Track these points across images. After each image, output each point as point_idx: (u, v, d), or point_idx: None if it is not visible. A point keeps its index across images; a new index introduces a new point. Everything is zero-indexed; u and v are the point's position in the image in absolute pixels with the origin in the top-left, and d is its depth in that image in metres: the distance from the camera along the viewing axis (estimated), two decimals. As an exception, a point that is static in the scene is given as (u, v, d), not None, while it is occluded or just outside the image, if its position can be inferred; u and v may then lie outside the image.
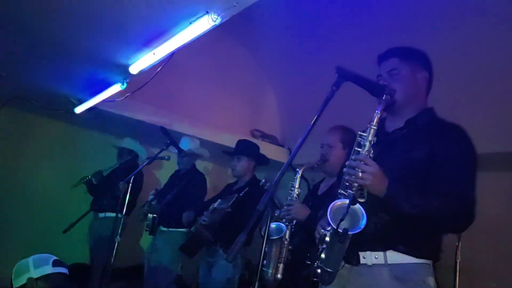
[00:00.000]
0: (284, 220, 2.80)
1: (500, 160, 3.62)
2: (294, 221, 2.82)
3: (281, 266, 2.67)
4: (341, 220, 1.60)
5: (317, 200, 2.95)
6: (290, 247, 2.74)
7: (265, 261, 2.66)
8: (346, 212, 1.61)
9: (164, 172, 4.75)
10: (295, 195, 2.88)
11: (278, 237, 2.71)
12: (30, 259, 2.28)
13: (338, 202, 1.72)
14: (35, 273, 2.19)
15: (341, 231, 1.60)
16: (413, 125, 1.94)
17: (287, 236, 2.75)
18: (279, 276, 2.65)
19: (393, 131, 1.99)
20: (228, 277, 3.53)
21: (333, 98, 1.76)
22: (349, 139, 2.96)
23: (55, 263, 2.28)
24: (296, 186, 2.90)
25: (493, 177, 3.46)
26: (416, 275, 1.78)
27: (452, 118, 1.96)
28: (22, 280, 2.19)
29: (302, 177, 2.96)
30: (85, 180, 4.82)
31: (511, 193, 3.59)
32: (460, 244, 3.07)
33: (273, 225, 2.74)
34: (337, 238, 1.63)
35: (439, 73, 2.06)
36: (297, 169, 2.93)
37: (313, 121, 1.71)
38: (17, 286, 2.20)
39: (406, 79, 1.96)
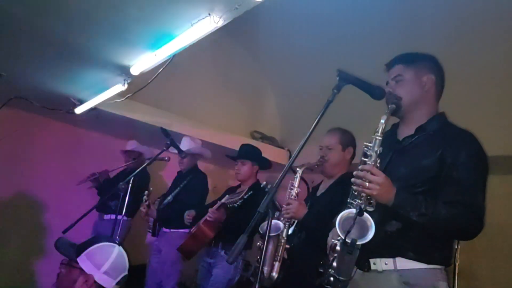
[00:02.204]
0: (282, 218, 2.80)
1: (500, 163, 3.63)
2: (293, 220, 2.83)
3: (277, 264, 2.66)
4: (348, 232, 1.62)
5: (315, 201, 2.97)
6: (287, 246, 2.74)
7: (260, 259, 2.65)
8: (353, 224, 1.63)
9: (171, 174, 4.75)
10: (294, 194, 2.88)
11: (275, 234, 2.71)
12: (111, 258, 2.00)
13: (346, 212, 1.74)
14: (99, 277, 1.94)
15: (349, 241, 1.62)
16: (423, 132, 1.95)
17: (284, 235, 2.75)
18: (274, 274, 2.64)
19: (403, 139, 2.00)
20: (229, 278, 3.54)
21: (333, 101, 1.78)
22: (348, 140, 2.99)
23: (120, 281, 2.03)
24: (296, 185, 2.91)
25: (493, 180, 3.46)
26: (425, 280, 1.79)
27: (457, 121, 1.98)
28: (88, 269, 1.95)
29: (301, 177, 2.97)
30: (93, 178, 4.83)
31: (511, 196, 3.60)
32: (459, 247, 3.08)
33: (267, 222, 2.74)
34: (346, 249, 1.65)
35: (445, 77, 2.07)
36: (298, 168, 2.93)
37: (314, 124, 1.73)
38: (81, 264, 1.95)
39: (411, 84, 1.97)
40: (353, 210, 1.72)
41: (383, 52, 2.13)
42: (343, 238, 1.64)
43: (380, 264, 1.83)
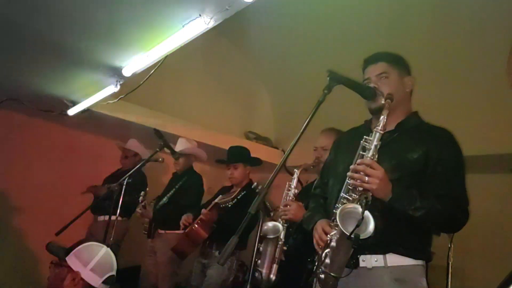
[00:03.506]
0: (280, 220, 2.79)
1: (492, 162, 3.65)
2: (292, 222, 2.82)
3: (275, 266, 2.66)
4: (357, 225, 1.60)
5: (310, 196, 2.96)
6: (284, 248, 2.73)
7: (259, 261, 2.65)
8: (362, 219, 1.61)
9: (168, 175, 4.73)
10: (292, 195, 2.88)
11: (274, 236, 2.71)
12: (98, 256, 2.08)
13: (347, 208, 1.72)
14: (85, 274, 2.02)
15: (353, 237, 1.60)
16: (403, 128, 1.98)
17: (281, 236, 2.74)
18: (272, 276, 2.63)
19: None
20: (223, 278, 3.53)
21: (326, 101, 1.78)
22: None
23: (106, 280, 2.09)
24: (294, 186, 2.91)
25: (485, 179, 3.49)
26: (414, 276, 1.83)
27: (442, 121, 2.00)
28: (76, 266, 2.02)
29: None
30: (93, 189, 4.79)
31: (503, 195, 3.62)
32: (452, 246, 3.09)
33: (270, 224, 2.73)
34: (351, 244, 1.64)
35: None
36: (295, 170, 2.93)
37: (304, 124, 1.73)
38: (69, 262, 2.03)
39: (395, 83, 2.00)
40: (351, 205, 1.71)
41: (380, 49, 2.13)
42: (348, 234, 1.60)
43: (370, 260, 1.83)
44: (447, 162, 1.85)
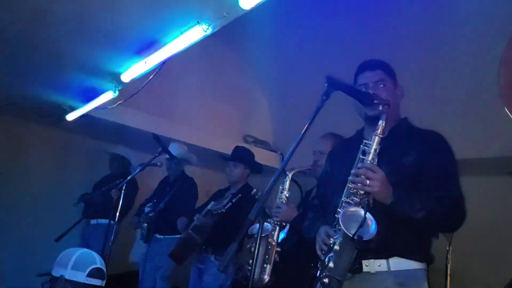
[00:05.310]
0: (272, 222, 2.79)
1: (490, 165, 3.66)
2: (284, 224, 2.83)
3: (268, 267, 2.65)
4: (360, 226, 1.61)
5: (308, 206, 2.97)
6: (278, 249, 2.72)
7: (251, 261, 2.64)
8: (364, 219, 1.63)
9: (156, 179, 4.74)
10: (284, 198, 2.88)
11: (263, 235, 2.70)
12: (75, 255, 2.14)
13: (349, 209, 1.73)
14: (68, 274, 2.06)
15: (356, 238, 1.61)
16: (396, 134, 1.99)
17: (274, 238, 2.74)
18: (265, 277, 2.62)
19: None
20: (219, 283, 3.52)
21: (324, 106, 1.78)
22: None
23: (91, 273, 2.12)
24: (286, 189, 2.91)
25: (483, 182, 3.50)
26: (417, 280, 1.84)
27: (436, 127, 2.02)
28: (57, 273, 2.08)
29: (293, 181, 2.97)
30: (85, 198, 4.79)
31: (501, 197, 3.63)
32: (450, 248, 3.10)
33: (257, 225, 2.73)
34: (354, 246, 1.66)
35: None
36: (287, 172, 2.93)
37: (304, 130, 1.73)
38: (53, 274, 2.10)
39: (391, 92, 2.03)
40: (353, 208, 1.72)
41: (374, 54, 2.15)
42: (351, 236, 1.61)
43: (373, 265, 1.83)
44: (441, 163, 1.88)
